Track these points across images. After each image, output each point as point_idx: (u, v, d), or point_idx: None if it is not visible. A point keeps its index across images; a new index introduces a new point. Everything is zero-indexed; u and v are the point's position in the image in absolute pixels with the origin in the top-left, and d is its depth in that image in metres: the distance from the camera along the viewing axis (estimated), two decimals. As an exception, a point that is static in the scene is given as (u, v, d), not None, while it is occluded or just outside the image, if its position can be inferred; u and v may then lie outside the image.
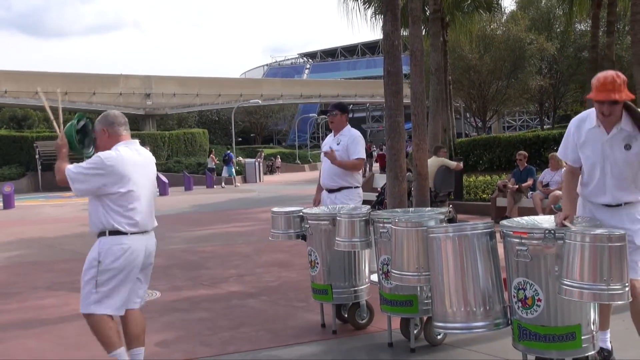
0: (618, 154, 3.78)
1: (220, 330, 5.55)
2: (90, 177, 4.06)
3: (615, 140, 3.77)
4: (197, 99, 57.60)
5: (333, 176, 6.25)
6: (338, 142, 6.32)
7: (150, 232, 4.54)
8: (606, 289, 3.21)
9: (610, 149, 3.79)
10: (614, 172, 3.80)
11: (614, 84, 3.65)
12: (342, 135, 6.36)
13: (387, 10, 8.54)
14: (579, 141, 3.91)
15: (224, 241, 11.34)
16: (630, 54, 17.11)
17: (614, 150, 3.79)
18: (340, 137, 6.34)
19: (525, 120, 67.70)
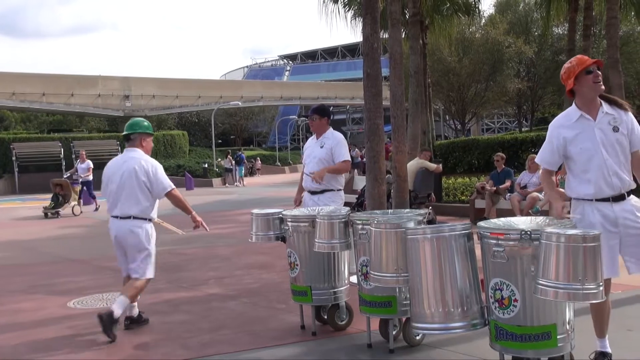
0: (610, 136, 3.91)
1: (200, 332, 5.54)
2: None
3: (603, 123, 3.92)
4: (177, 100, 57.33)
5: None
6: (322, 145, 6.36)
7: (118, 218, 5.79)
8: (581, 288, 3.26)
9: (601, 132, 3.91)
10: (611, 155, 3.90)
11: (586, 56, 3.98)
12: (325, 138, 6.40)
13: (366, 13, 8.59)
14: (569, 137, 3.99)
15: (203, 243, 11.30)
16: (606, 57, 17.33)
17: (606, 133, 3.92)
18: (324, 140, 6.38)
19: (504, 122, 68.26)
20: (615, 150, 3.91)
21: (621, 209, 3.88)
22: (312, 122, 6.48)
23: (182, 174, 31.77)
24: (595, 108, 3.95)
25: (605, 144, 3.90)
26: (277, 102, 67.09)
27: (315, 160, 6.39)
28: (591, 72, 3.89)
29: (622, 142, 3.91)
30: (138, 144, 5.85)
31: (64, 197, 17.80)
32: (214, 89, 60.58)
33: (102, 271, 8.84)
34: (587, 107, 3.96)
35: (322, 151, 6.34)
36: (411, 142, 13.90)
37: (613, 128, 3.90)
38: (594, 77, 3.89)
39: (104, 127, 59.89)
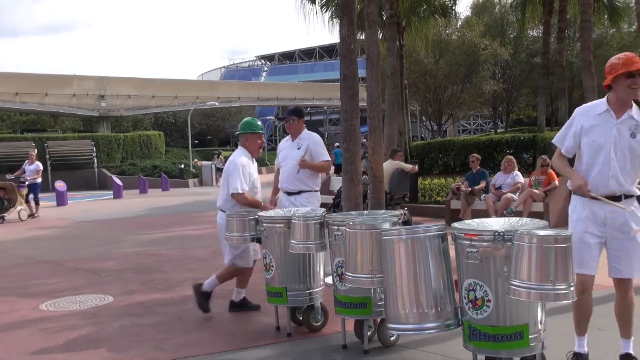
0: (624, 140, 3.91)
1: (175, 334, 5.50)
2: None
3: (623, 125, 3.92)
4: (153, 100, 56.83)
5: (294, 180, 6.34)
6: (299, 147, 6.35)
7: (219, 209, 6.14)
8: (552, 289, 3.30)
9: (618, 132, 3.92)
10: (618, 157, 3.90)
11: (635, 57, 3.89)
12: (302, 139, 6.40)
13: (343, 14, 8.59)
14: (586, 126, 4.01)
15: (179, 244, 11.23)
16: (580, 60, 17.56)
17: (622, 135, 3.92)
18: (300, 141, 6.38)
19: (480, 124, 68.76)
20: (625, 154, 3.91)
21: (612, 210, 3.89)
22: (290, 124, 6.48)
23: (158, 174, 31.53)
24: (624, 109, 3.95)
25: (617, 145, 3.92)
26: (254, 103, 66.79)
27: (292, 162, 6.39)
28: (632, 77, 3.86)
29: (635, 150, 3.91)
30: (242, 142, 6.07)
31: (9, 201, 16.43)
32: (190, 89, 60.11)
33: (75, 273, 8.74)
34: (616, 105, 3.96)
35: (299, 152, 6.34)
36: (387, 143, 13.94)
37: (631, 133, 3.91)
38: (632, 82, 3.87)
39: (79, 127, 59.17)
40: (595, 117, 3.99)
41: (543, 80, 20.89)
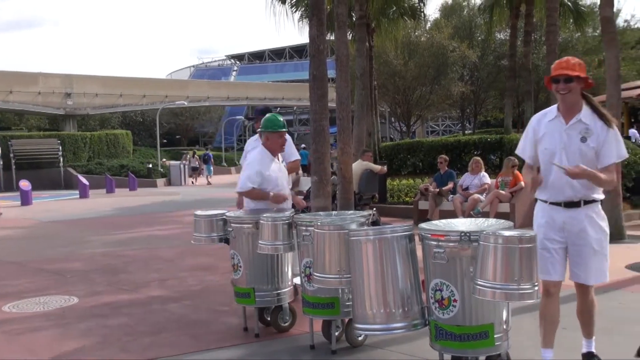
0: (575, 144, 3.86)
1: (141, 335, 5.44)
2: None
3: (573, 130, 3.88)
4: (121, 99, 56.17)
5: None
6: None
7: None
8: (517, 288, 3.34)
9: (568, 138, 3.88)
10: (571, 163, 3.83)
11: (568, 62, 3.88)
12: None
13: (313, 15, 8.61)
14: (539, 135, 4.01)
15: (146, 245, 11.12)
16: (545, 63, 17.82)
17: (571, 140, 3.87)
18: None
19: (448, 125, 69.40)
20: (577, 160, 3.82)
21: (570, 216, 3.86)
22: (257, 125, 6.36)
23: (125, 174, 31.17)
24: (573, 113, 3.88)
25: (568, 151, 3.86)
26: (223, 102, 66.44)
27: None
28: (557, 82, 3.85)
29: (586, 154, 3.83)
30: (263, 140, 5.81)
31: None
32: (159, 88, 59.56)
33: (39, 273, 8.59)
34: (564, 110, 3.92)
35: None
36: (357, 144, 13.99)
37: (582, 138, 3.84)
38: (556, 88, 3.86)
39: (45, 125, 58.21)
40: (546, 125, 3.99)
41: (510, 82, 21.17)
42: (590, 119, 3.86)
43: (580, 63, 3.92)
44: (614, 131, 3.87)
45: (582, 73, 3.86)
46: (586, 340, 4.04)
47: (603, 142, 3.83)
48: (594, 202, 3.89)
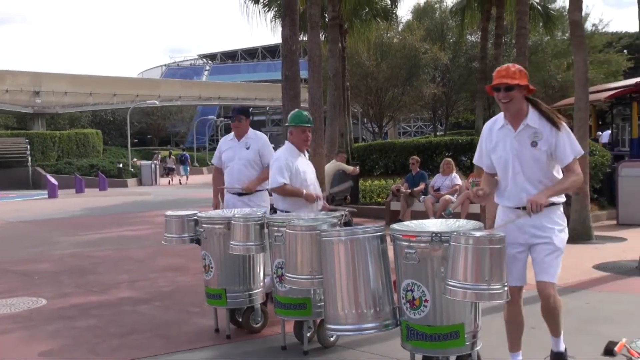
0: (526, 151, 3.82)
1: (110, 337, 5.38)
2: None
3: (522, 136, 3.84)
4: (91, 98, 55.48)
5: (244, 179, 6.10)
6: (247, 146, 6.14)
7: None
8: (487, 289, 3.37)
9: (518, 145, 3.84)
10: (524, 170, 3.82)
11: (507, 70, 3.85)
12: (249, 139, 6.19)
13: (285, 15, 8.61)
14: (491, 145, 3.99)
15: (116, 245, 10.99)
16: (515, 66, 17.99)
17: (522, 147, 3.83)
18: (248, 141, 6.17)
19: (420, 126, 69.86)
20: (531, 165, 3.81)
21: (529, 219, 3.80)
22: (239, 124, 6.21)
23: (95, 173, 30.80)
24: (519, 118, 3.84)
25: (520, 158, 3.83)
26: (195, 102, 66.01)
27: (241, 162, 6.11)
28: (498, 90, 3.83)
29: (539, 158, 3.80)
30: (288, 136, 5.66)
31: None
32: (130, 87, 58.95)
33: (6, 275, 8.45)
34: (510, 117, 3.89)
35: (248, 152, 6.12)
36: (329, 145, 14.01)
37: (532, 142, 3.80)
38: (497, 96, 3.85)
39: (12, 124, 57.23)
40: (497, 133, 3.97)
41: (481, 84, 21.37)
42: (537, 122, 3.83)
43: (521, 70, 3.87)
44: (565, 130, 3.83)
45: (523, 80, 3.82)
46: (554, 339, 4.03)
47: (556, 144, 3.80)
48: (554, 206, 3.86)
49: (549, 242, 3.83)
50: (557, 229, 3.87)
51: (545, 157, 3.81)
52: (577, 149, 3.86)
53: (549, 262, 3.83)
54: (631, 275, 7.15)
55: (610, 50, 35.09)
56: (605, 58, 33.48)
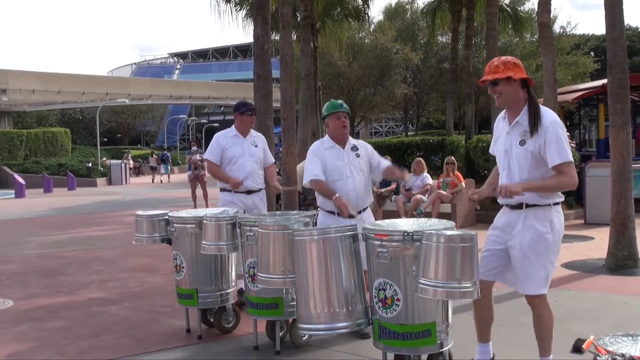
0: (515, 147, 3.77)
1: (79, 339, 5.30)
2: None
3: (513, 132, 3.79)
4: (59, 96, 54.72)
5: (256, 177, 6.08)
6: (255, 144, 6.11)
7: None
8: (458, 287, 3.39)
9: (510, 140, 3.80)
10: (512, 166, 3.79)
11: (490, 66, 3.82)
12: (254, 137, 6.17)
13: (257, 14, 8.58)
14: (495, 136, 3.99)
15: (85, 246, 10.85)
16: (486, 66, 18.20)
17: (512, 143, 3.79)
18: (254, 139, 6.14)
19: (392, 126, 70.20)
20: (515, 163, 3.77)
21: (510, 218, 3.80)
22: (251, 118, 6.12)
23: (64, 173, 30.37)
24: (515, 113, 3.79)
25: (510, 154, 3.80)
26: (166, 101, 65.50)
27: (253, 159, 6.06)
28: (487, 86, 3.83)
29: (524, 157, 3.72)
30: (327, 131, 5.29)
31: None
32: (99, 85, 58.28)
33: (-28, 276, 8.28)
34: (508, 111, 3.86)
35: (257, 151, 6.12)
36: (301, 144, 14.00)
37: (520, 141, 3.74)
38: (489, 92, 3.84)
39: (-22, 122, 56.21)
40: (500, 125, 3.94)
41: (451, 85, 21.56)
42: (526, 120, 3.74)
43: (506, 62, 3.77)
44: (553, 132, 3.65)
45: (507, 73, 3.72)
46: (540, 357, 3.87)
47: (542, 145, 3.66)
48: (537, 207, 3.72)
49: (520, 248, 3.72)
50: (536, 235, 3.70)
51: (530, 157, 3.71)
52: (564, 154, 3.64)
53: (525, 270, 3.72)
54: (598, 274, 7.28)
55: (577, 52, 35.71)
56: (573, 60, 34.04)
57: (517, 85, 3.77)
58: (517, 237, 3.75)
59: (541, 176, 3.73)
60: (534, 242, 3.70)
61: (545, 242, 3.71)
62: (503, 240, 3.84)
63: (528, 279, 3.73)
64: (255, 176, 6.06)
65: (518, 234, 3.75)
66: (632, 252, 7.44)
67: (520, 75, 3.77)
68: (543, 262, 3.72)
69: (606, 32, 7.64)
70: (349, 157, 5.05)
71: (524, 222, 3.74)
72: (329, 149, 5.08)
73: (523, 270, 3.74)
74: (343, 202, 4.73)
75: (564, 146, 3.66)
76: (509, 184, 3.69)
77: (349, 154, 5.07)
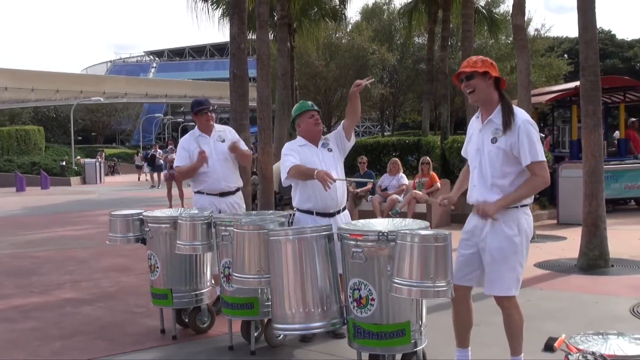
0: (487, 145, 3.75)
1: (52, 340, 5.24)
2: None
3: (486, 130, 3.78)
4: (33, 94, 53.96)
5: (230, 176, 5.69)
6: (222, 140, 5.71)
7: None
8: (432, 286, 3.42)
9: (482, 139, 3.79)
10: (482, 165, 3.77)
11: (469, 61, 3.81)
12: (220, 132, 5.79)
13: (233, 13, 8.56)
14: (468, 135, 3.99)
15: (59, 245, 10.72)
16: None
17: (484, 141, 3.77)
18: (220, 134, 5.76)
19: (368, 126, 70.44)
20: (487, 161, 3.75)
21: (479, 219, 3.80)
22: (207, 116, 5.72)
23: (37, 172, 29.97)
24: (488, 112, 3.78)
25: (482, 153, 3.78)
26: (142, 100, 64.94)
27: (222, 156, 5.65)
28: (461, 81, 3.81)
29: (496, 155, 3.70)
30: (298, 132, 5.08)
31: None
32: (74, 83, 57.56)
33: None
34: (482, 109, 3.85)
35: (224, 146, 5.67)
36: (277, 144, 13.97)
37: (492, 139, 3.72)
38: (462, 87, 3.83)
39: (-52, 120, 55.26)
40: (474, 125, 3.94)
41: (427, 86, 21.69)
42: (499, 118, 3.74)
43: (484, 60, 3.78)
44: (525, 131, 3.65)
45: (484, 68, 3.74)
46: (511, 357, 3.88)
47: (514, 144, 3.66)
48: (504, 210, 3.69)
49: (488, 250, 3.72)
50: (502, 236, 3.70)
51: (502, 154, 3.69)
52: (536, 154, 3.65)
53: (494, 273, 3.72)
54: (570, 273, 7.38)
55: (551, 54, 36.09)
56: (547, 62, 34.41)
57: (491, 84, 3.78)
58: (486, 240, 3.75)
59: (512, 174, 3.73)
60: (501, 245, 3.69)
61: (513, 245, 3.70)
62: (474, 243, 3.83)
63: (497, 280, 3.73)
64: (228, 176, 5.68)
65: (486, 236, 3.74)
66: (603, 252, 7.54)
67: (495, 74, 3.79)
68: (511, 264, 3.71)
69: (579, 34, 7.74)
70: (323, 154, 4.90)
71: (492, 225, 3.72)
72: (302, 147, 4.91)
73: (492, 272, 3.74)
74: (322, 174, 4.49)
75: (535, 145, 3.68)
76: (485, 206, 3.69)
77: (322, 151, 4.92)
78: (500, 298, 3.77)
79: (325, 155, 4.89)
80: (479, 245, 3.80)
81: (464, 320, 3.99)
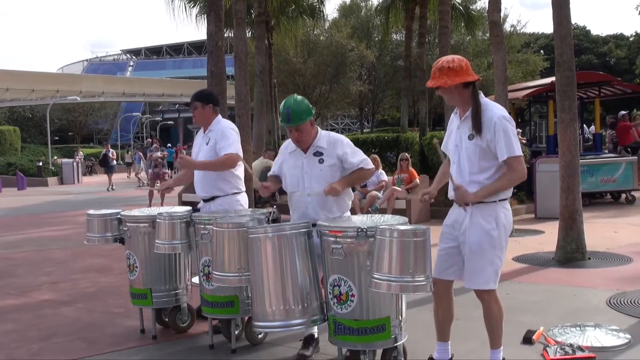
0: (464, 141, 3.79)
1: (29, 341, 5.18)
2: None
3: (463, 126, 3.82)
4: (7, 93, 53.28)
5: (204, 183, 5.19)
6: (207, 141, 5.19)
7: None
8: (411, 280, 3.44)
9: (461, 135, 3.82)
10: (461, 160, 3.80)
11: (432, 72, 3.79)
12: (210, 132, 5.21)
13: (210, 11, 8.52)
14: (449, 131, 4.00)
15: (35, 246, 10.60)
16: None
17: (462, 137, 3.81)
18: (209, 134, 5.20)
19: (347, 123, 70.54)
20: (464, 157, 3.78)
21: (459, 213, 3.82)
22: (194, 111, 5.24)
23: (13, 172, 29.57)
24: (464, 110, 3.82)
25: (461, 148, 3.82)
26: (119, 98, 64.43)
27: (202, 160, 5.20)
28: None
29: (473, 151, 3.73)
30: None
31: None
32: (50, 82, 56.93)
33: None
34: (459, 107, 3.88)
35: (207, 149, 5.15)
36: (256, 142, 13.95)
37: (469, 135, 3.75)
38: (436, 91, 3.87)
39: None
40: (454, 121, 3.97)
41: (406, 82, 21.79)
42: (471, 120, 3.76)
43: (442, 68, 3.73)
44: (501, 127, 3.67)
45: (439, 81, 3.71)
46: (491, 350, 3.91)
47: (490, 140, 3.69)
48: (483, 204, 3.74)
49: (468, 243, 3.75)
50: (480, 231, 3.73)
51: (478, 151, 3.73)
52: (512, 149, 3.68)
53: (473, 266, 3.75)
54: (548, 267, 7.46)
55: (527, 50, 36.48)
56: (523, 58, 34.75)
57: (453, 89, 3.76)
58: (465, 234, 3.78)
59: (490, 169, 3.76)
60: (479, 239, 3.72)
61: (491, 239, 3.73)
62: (454, 236, 3.87)
63: (476, 274, 3.76)
64: (204, 181, 5.19)
65: (465, 230, 3.78)
66: (580, 245, 7.64)
67: (453, 82, 3.70)
68: (490, 257, 3.74)
69: (554, 30, 7.82)
70: (309, 163, 4.46)
71: (470, 219, 3.76)
72: (291, 153, 4.61)
73: (471, 265, 3.77)
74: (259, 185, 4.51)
75: (511, 141, 3.70)
76: (464, 193, 3.72)
77: (310, 159, 4.47)
78: (480, 291, 3.81)
79: (311, 164, 4.46)
80: (459, 239, 3.84)
81: (444, 313, 4.01)
